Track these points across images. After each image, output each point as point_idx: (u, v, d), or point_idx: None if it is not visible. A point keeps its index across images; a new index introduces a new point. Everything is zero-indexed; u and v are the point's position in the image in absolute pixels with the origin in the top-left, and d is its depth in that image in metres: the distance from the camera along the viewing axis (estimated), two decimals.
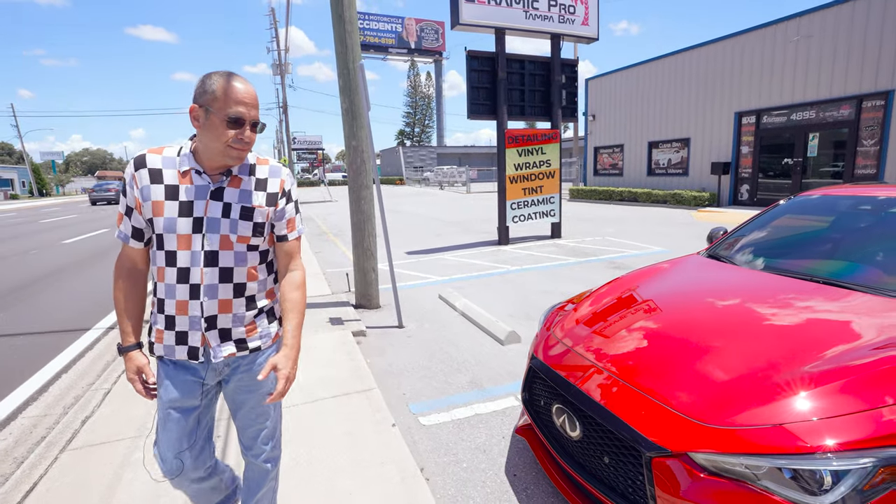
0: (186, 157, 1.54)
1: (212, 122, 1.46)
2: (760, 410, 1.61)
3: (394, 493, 2.29)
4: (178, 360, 1.60)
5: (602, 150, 21.47)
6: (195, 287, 1.54)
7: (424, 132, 73.37)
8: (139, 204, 1.52)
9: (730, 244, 3.23)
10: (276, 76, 35.53)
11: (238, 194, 1.57)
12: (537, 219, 9.90)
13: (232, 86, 1.46)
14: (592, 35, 9.88)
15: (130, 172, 1.52)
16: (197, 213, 1.52)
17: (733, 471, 1.54)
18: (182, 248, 1.52)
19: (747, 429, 1.57)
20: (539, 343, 2.53)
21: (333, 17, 5.36)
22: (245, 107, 1.48)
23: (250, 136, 1.51)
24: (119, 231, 1.58)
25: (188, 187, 1.52)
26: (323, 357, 3.98)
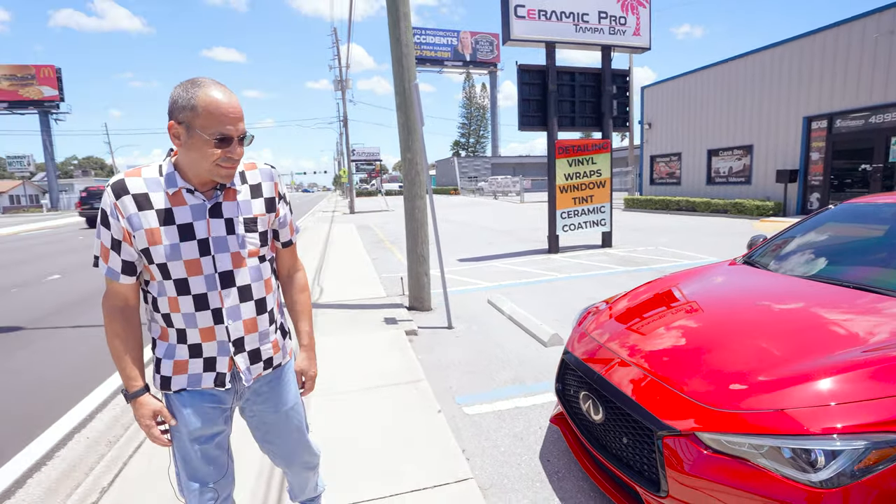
0: (170, 176, 1.40)
1: (195, 141, 1.32)
2: (764, 397, 1.79)
3: (437, 468, 2.58)
4: (201, 389, 1.51)
5: (658, 158, 21.01)
6: (217, 311, 1.46)
7: (479, 143, 74.02)
8: (128, 235, 1.37)
9: (766, 251, 3.31)
10: (338, 91, 37.23)
11: (237, 207, 1.47)
12: (587, 228, 9.96)
13: (214, 100, 1.31)
14: (644, 45, 9.89)
15: (111, 202, 1.35)
16: (200, 234, 1.41)
17: (736, 450, 1.72)
18: (193, 273, 1.41)
19: (751, 412, 1.75)
20: (571, 338, 2.77)
21: (391, 39, 5.81)
22: (232, 123, 1.34)
23: (240, 152, 1.39)
24: (107, 269, 1.41)
25: (183, 209, 1.40)
26: (377, 352, 4.36)
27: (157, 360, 1.51)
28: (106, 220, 1.37)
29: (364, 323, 5.31)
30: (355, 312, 5.77)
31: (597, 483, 2.28)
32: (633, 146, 24.34)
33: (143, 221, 1.36)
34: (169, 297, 1.43)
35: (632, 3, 9.72)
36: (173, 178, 1.40)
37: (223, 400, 1.55)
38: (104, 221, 1.38)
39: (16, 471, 2.87)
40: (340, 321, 5.41)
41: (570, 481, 2.57)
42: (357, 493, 2.39)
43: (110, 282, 1.43)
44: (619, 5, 9.60)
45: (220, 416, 1.56)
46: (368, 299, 6.39)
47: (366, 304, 6.13)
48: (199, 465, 1.54)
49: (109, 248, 1.39)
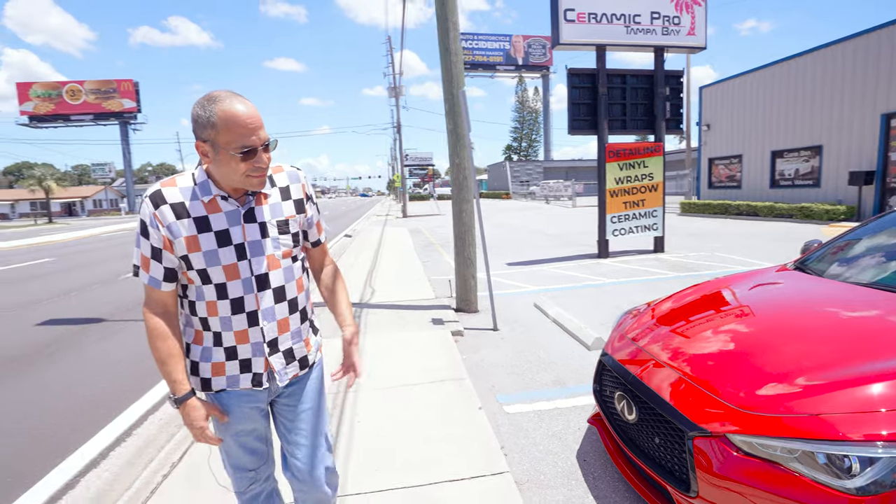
0: (205, 183, 1.43)
1: (222, 157, 1.36)
2: (800, 401, 1.78)
3: (475, 461, 2.69)
4: (240, 389, 1.55)
5: (717, 161, 20.13)
6: (252, 314, 1.49)
7: (531, 147, 73.39)
8: (168, 242, 1.41)
9: (820, 256, 3.21)
10: (392, 98, 38.11)
11: (269, 210, 1.51)
12: (638, 232, 9.75)
13: (232, 113, 1.32)
14: (699, 45, 9.60)
15: (150, 212, 1.39)
16: (236, 239, 1.45)
17: (768, 453, 1.73)
18: (231, 278, 1.45)
19: (785, 416, 1.75)
20: (610, 340, 2.81)
21: (440, 49, 6.00)
22: (254, 133, 1.35)
23: (266, 159, 1.41)
24: (148, 277, 1.44)
25: (218, 216, 1.44)
26: (424, 350, 4.52)
27: (194, 363, 1.54)
28: (146, 231, 1.40)
29: (412, 323, 5.50)
30: (404, 312, 5.98)
31: (629, 481, 2.32)
32: (691, 148, 23.44)
33: (181, 229, 1.40)
34: (208, 300, 1.47)
35: (687, 1, 9.46)
36: (207, 186, 1.43)
37: (260, 399, 1.60)
38: (144, 232, 1.40)
39: (100, 444, 3.23)
40: (389, 320, 5.63)
41: (606, 481, 2.61)
42: (399, 479, 2.55)
43: (152, 290, 1.45)
44: (672, 5, 9.37)
45: (258, 414, 1.62)
46: (417, 300, 6.58)
47: (414, 305, 6.32)
48: (240, 455, 1.62)
49: (150, 258, 1.42)
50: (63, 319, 6.66)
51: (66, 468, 2.97)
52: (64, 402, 3.95)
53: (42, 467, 2.99)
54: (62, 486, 2.79)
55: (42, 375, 4.58)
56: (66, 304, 7.70)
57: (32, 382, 4.42)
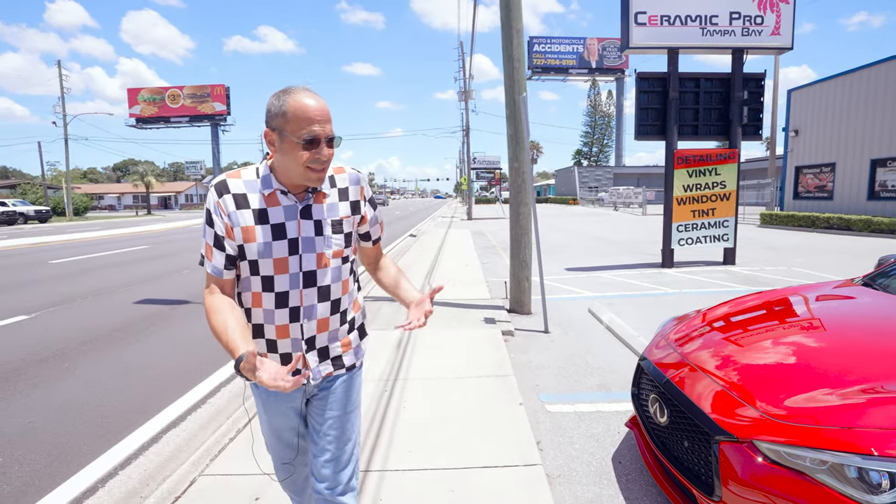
0: (267, 178, 1.47)
1: (287, 145, 1.39)
2: (835, 413, 1.76)
3: (509, 452, 2.81)
4: None
5: (806, 169, 18.67)
6: (295, 310, 1.51)
7: (602, 152, 71.36)
8: (230, 230, 1.44)
9: (888, 271, 3.02)
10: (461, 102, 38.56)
11: (326, 209, 1.53)
12: (707, 243, 9.33)
13: (302, 104, 1.37)
14: (784, 45, 9.03)
15: (214, 200, 1.44)
16: (290, 234, 1.47)
17: (795, 462, 1.72)
18: (279, 271, 1.47)
19: (817, 427, 1.74)
20: (650, 345, 2.82)
21: (504, 56, 6.13)
22: (319, 124, 1.38)
23: (328, 153, 1.43)
24: (211, 266, 1.47)
25: (276, 209, 1.47)
26: (473, 347, 4.67)
27: None
28: (210, 219, 1.45)
29: (464, 321, 5.66)
30: (458, 311, 6.15)
31: (658, 483, 2.34)
32: (775, 156, 21.89)
33: (240, 219, 1.44)
34: (253, 292, 1.50)
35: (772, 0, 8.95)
36: (269, 179, 1.47)
37: (294, 397, 1.62)
38: (209, 220, 1.45)
39: (182, 407, 3.67)
40: (443, 318, 5.82)
41: (639, 484, 2.63)
42: (436, 461, 2.72)
43: (214, 278, 1.48)
44: (755, 4, 8.90)
45: (292, 412, 1.64)
46: (472, 300, 6.74)
47: (469, 304, 6.49)
48: (277, 446, 1.72)
49: (213, 246, 1.45)
50: (156, 300, 7.46)
51: (153, 424, 3.42)
52: (155, 369, 4.48)
53: (135, 422, 3.46)
54: (148, 440, 3.22)
55: (139, 345, 5.20)
56: (159, 286, 8.58)
57: (132, 351, 5.04)
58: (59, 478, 2.80)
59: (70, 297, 7.62)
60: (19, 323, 6.15)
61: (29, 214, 33.37)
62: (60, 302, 7.31)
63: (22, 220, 32.55)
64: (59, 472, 2.86)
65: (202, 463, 2.76)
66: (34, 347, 5.14)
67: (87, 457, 3.02)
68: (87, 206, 45.80)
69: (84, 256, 13.16)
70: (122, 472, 2.88)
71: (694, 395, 2.13)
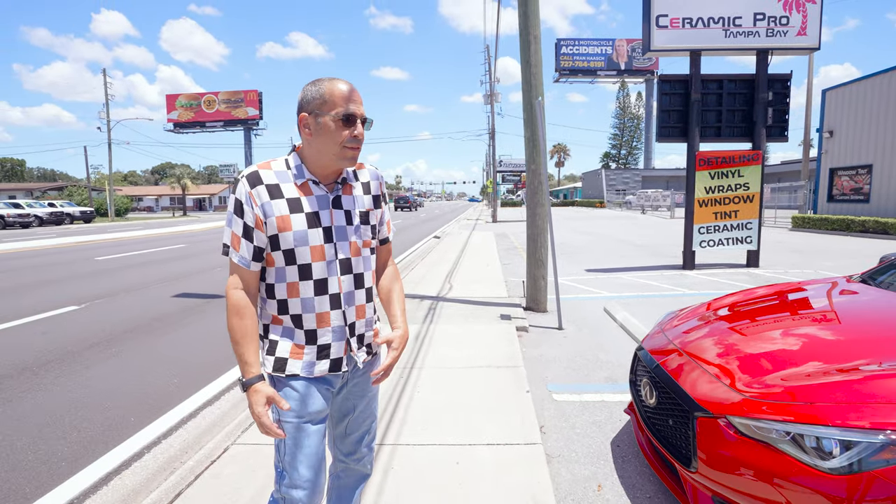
0: (298, 168, 1.51)
1: (324, 125, 1.44)
2: (801, 391, 1.92)
3: (512, 432, 3.02)
4: (313, 376, 1.54)
5: (841, 171, 18.16)
6: (335, 297, 1.53)
7: (631, 154, 70.45)
8: (260, 222, 1.45)
9: (884, 269, 3.12)
10: (487, 105, 38.79)
11: (353, 200, 1.59)
12: (729, 245, 9.30)
13: (338, 87, 1.45)
14: (811, 45, 8.94)
15: (246, 191, 1.45)
16: (324, 223, 1.51)
17: (762, 435, 1.90)
18: (317, 259, 1.49)
19: (785, 403, 1.91)
20: (647, 336, 3.00)
21: (521, 61, 6.34)
22: (355, 104, 1.46)
23: (362, 133, 1.49)
24: (239, 256, 1.48)
25: (310, 198, 1.50)
26: (487, 340, 4.89)
27: (273, 342, 1.54)
28: (240, 209, 1.45)
29: (481, 317, 5.88)
30: (476, 308, 6.38)
31: (647, 460, 2.52)
32: (808, 158, 21.34)
33: (274, 209, 1.45)
34: (289, 282, 1.50)
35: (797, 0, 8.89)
36: (301, 170, 1.51)
37: (333, 384, 1.60)
38: (238, 210, 1.45)
39: (213, 391, 4.01)
40: (462, 313, 6.06)
41: (633, 465, 2.81)
42: (444, 438, 2.96)
43: (239, 269, 1.49)
44: (780, 4, 8.85)
45: (329, 398, 1.60)
46: (490, 298, 6.96)
47: (487, 302, 6.70)
48: (311, 447, 1.54)
49: (241, 237, 1.46)
50: (192, 294, 7.94)
51: (191, 403, 3.77)
52: (192, 355, 4.87)
53: (175, 400, 3.82)
54: (187, 415, 3.57)
55: (176, 335, 5.62)
56: (194, 281, 9.09)
57: (171, 339, 5.45)
58: (112, 443, 3.16)
59: (114, 291, 8.19)
60: (71, 313, 6.69)
61: (75, 215, 35.18)
62: (106, 295, 7.87)
63: (68, 221, 34.34)
64: (112, 439, 3.22)
65: (234, 434, 3.07)
66: (84, 334, 5.62)
67: (133, 428, 3.37)
68: (127, 208, 47.91)
69: (126, 254, 13.93)
70: (165, 441, 3.22)
71: (678, 377, 2.31)
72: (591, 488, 2.59)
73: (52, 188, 52.34)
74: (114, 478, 2.80)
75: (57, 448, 3.12)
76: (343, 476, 1.83)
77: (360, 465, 1.80)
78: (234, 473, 2.64)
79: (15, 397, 3.90)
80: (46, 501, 2.59)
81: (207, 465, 2.71)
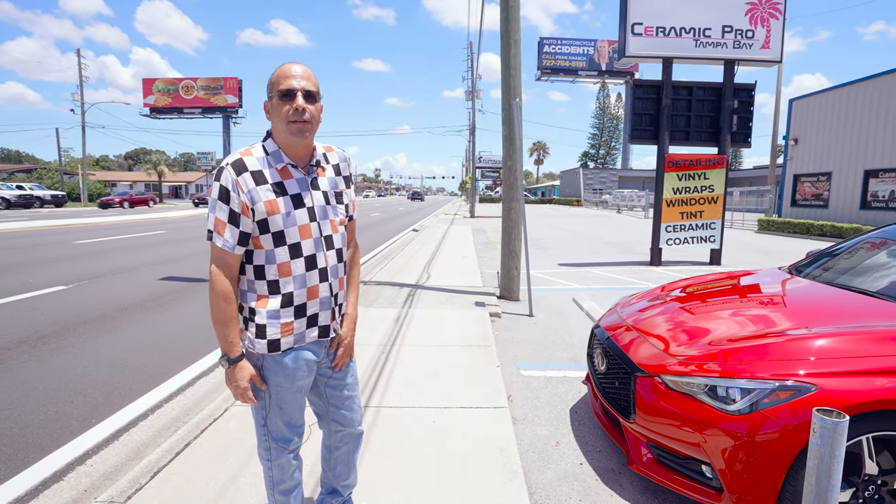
0: (275, 153, 1.60)
1: (274, 106, 1.55)
2: (719, 354, 2.35)
3: (484, 399, 3.41)
4: (305, 343, 1.68)
5: (804, 178, 19.13)
6: (323, 270, 1.66)
7: (610, 154, 71.72)
8: (247, 208, 1.52)
9: (811, 262, 3.60)
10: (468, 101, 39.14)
11: (328, 182, 1.70)
12: (694, 243, 9.88)
13: (281, 68, 1.55)
14: (774, 58, 9.55)
15: (232, 178, 1.51)
16: (307, 203, 1.62)
17: (685, 388, 2.32)
18: (305, 237, 1.61)
19: (704, 364, 2.33)
20: (603, 315, 3.42)
21: (502, 63, 6.71)
22: (294, 79, 1.53)
23: (302, 105, 1.53)
24: (224, 241, 1.54)
25: (291, 181, 1.60)
26: (461, 324, 5.28)
27: (260, 326, 1.61)
28: (226, 196, 1.51)
29: (457, 303, 6.27)
30: (452, 295, 6.76)
31: (598, 419, 2.94)
32: (775, 164, 22.33)
33: (261, 195, 1.53)
34: (279, 263, 1.59)
35: (762, 15, 9.47)
36: (279, 155, 1.60)
37: (317, 352, 1.74)
38: (223, 197, 1.52)
39: (208, 362, 4.30)
40: (438, 300, 6.43)
41: (588, 427, 3.23)
42: (421, 401, 3.34)
43: (224, 253, 1.56)
44: (746, 18, 9.43)
45: (314, 366, 1.75)
46: (466, 287, 7.34)
47: (462, 290, 7.09)
48: (294, 412, 1.75)
49: (226, 222, 1.52)
50: (179, 277, 8.14)
51: (188, 373, 4.06)
52: (186, 332, 5.13)
53: (173, 371, 4.10)
54: (185, 383, 3.87)
55: (168, 314, 5.85)
56: (179, 266, 9.25)
57: (163, 317, 5.69)
58: (117, 406, 3.45)
59: (100, 273, 8.32)
60: (59, 292, 6.84)
61: (45, 199, 34.33)
62: (92, 276, 8.01)
63: (38, 204, 33.53)
64: (117, 403, 3.50)
65: (232, 399, 3.38)
66: (77, 311, 5.81)
67: (136, 394, 3.66)
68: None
69: (106, 238, 13.90)
70: (167, 404, 3.52)
71: (624, 346, 2.73)
72: (549, 444, 2.99)
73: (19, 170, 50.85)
74: (123, 434, 3.10)
75: (66, 410, 3.39)
76: (341, 446, 1.97)
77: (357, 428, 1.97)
78: (236, 428, 2.96)
79: (17, 366, 4.12)
80: (63, 453, 2.87)
81: (211, 422, 3.03)
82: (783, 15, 9.52)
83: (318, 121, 1.62)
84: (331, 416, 1.93)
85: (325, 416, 1.94)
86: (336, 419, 1.93)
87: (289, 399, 1.72)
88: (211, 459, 2.62)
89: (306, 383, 1.76)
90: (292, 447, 1.78)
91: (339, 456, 1.99)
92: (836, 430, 1.30)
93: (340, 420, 1.93)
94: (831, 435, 1.30)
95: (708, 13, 9.38)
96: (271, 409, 1.71)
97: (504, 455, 2.70)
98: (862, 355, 2.12)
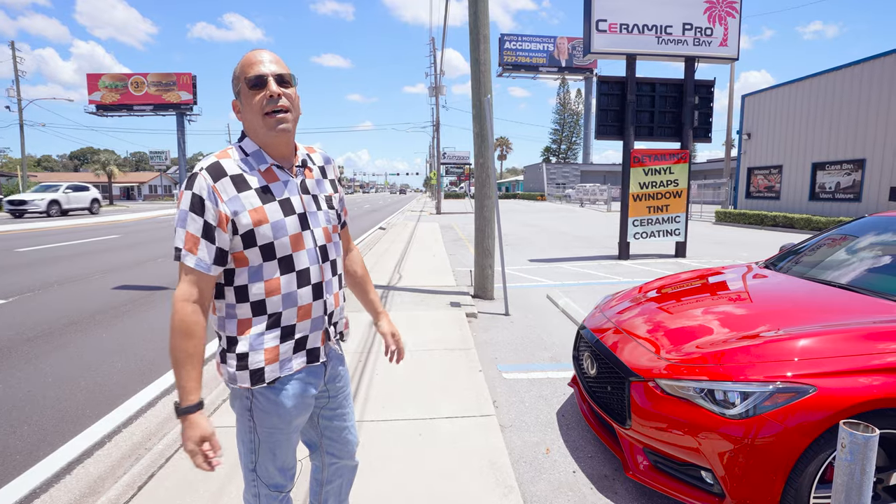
0: (256, 154, 1.39)
1: (244, 100, 1.35)
2: (713, 356, 2.30)
3: (468, 407, 3.29)
4: (292, 372, 1.44)
5: (757, 171, 19.91)
6: (317, 286, 1.45)
7: (571, 149, 72.97)
8: (225, 220, 1.30)
9: (783, 256, 3.64)
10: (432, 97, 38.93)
11: (316, 185, 1.51)
12: (660, 237, 10.07)
13: (248, 56, 1.36)
14: (731, 56, 9.81)
15: (208, 184, 1.29)
16: (298, 209, 1.41)
17: (681, 392, 2.25)
18: (297, 248, 1.40)
19: (699, 366, 2.27)
20: (588, 316, 3.35)
21: (471, 60, 6.59)
22: (262, 64, 1.34)
23: (277, 90, 1.34)
24: (198, 260, 1.28)
25: (278, 184, 1.40)
26: (438, 326, 5.14)
27: (242, 355, 1.37)
28: (200, 206, 1.28)
29: (431, 304, 6.12)
30: (426, 296, 6.61)
31: (589, 424, 2.86)
32: (730, 158, 23.16)
33: (245, 203, 1.32)
34: (266, 280, 1.36)
35: (720, 13, 9.70)
36: (261, 155, 1.39)
37: (319, 374, 1.52)
38: (196, 208, 1.28)
39: (170, 380, 4.01)
40: (412, 301, 6.27)
41: (577, 431, 3.15)
42: (404, 413, 3.18)
43: (196, 275, 1.30)
44: (705, 16, 9.64)
45: (313, 400, 1.53)
46: (439, 286, 7.21)
47: (436, 290, 6.95)
48: (288, 454, 1.51)
49: (200, 237, 1.28)
50: (134, 286, 7.64)
51: (149, 392, 3.76)
52: (142, 346, 4.78)
53: (131, 391, 3.79)
54: (145, 404, 3.57)
55: (123, 327, 5.46)
56: (135, 273, 8.72)
57: (117, 331, 5.29)
58: (69, 434, 3.14)
59: (46, 284, 7.73)
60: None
61: None
62: (37, 287, 7.43)
63: None
64: (68, 431, 3.19)
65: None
66: (19, 328, 5.34)
67: (90, 419, 3.35)
68: None
69: (51, 245, 13.02)
70: (126, 429, 3.23)
71: (616, 350, 2.66)
72: (540, 451, 2.90)
73: None
74: (76, 467, 2.82)
75: (9, 442, 3.06)
76: (334, 479, 1.78)
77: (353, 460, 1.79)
78: None
79: None
80: (5, 493, 2.57)
81: (177, 448, 2.77)
82: (739, 14, 9.79)
83: (297, 109, 1.42)
84: (325, 449, 1.72)
85: (318, 448, 1.73)
86: (330, 451, 1.73)
87: (283, 442, 1.48)
88: (180, 494, 2.39)
89: (303, 421, 1.54)
90: (285, 492, 1.57)
91: (331, 490, 1.81)
92: (866, 445, 1.23)
93: (335, 452, 1.73)
94: (862, 451, 1.23)
95: (669, 10, 9.54)
96: (262, 455, 1.46)
97: (496, 468, 2.58)
98: (856, 353, 2.10)
